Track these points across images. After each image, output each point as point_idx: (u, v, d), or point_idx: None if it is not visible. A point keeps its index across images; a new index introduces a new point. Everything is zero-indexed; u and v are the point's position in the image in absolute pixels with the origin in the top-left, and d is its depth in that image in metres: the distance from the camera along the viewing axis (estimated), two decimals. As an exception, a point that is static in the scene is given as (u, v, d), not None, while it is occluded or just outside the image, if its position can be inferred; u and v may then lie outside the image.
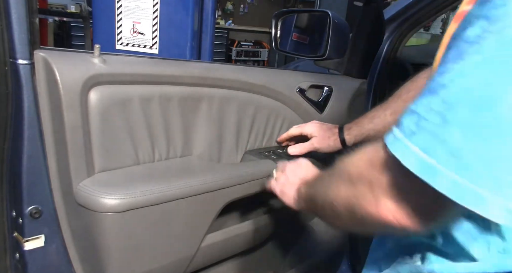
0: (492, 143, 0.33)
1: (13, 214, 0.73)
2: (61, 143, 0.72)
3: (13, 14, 0.64)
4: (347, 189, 0.48)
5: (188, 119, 0.91)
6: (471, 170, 0.34)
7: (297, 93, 1.10)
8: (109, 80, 0.77)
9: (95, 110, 0.75)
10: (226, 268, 1.08)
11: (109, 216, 0.72)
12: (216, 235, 0.93)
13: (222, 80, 0.95)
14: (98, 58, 0.76)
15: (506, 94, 0.32)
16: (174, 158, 0.91)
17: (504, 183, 0.33)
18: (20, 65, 0.67)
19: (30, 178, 0.71)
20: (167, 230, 0.82)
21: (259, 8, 6.36)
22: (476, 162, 0.33)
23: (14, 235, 0.74)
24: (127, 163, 0.82)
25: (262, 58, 6.07)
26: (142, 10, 1.53)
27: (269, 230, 1.09)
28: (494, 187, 0.33)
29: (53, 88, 0.70)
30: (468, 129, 0.34)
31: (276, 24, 1.26)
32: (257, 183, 0.94)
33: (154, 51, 1.58)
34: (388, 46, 1.42)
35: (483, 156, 0.33)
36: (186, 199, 0.81)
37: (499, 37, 0.33)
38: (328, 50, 1.13)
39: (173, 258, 0.86)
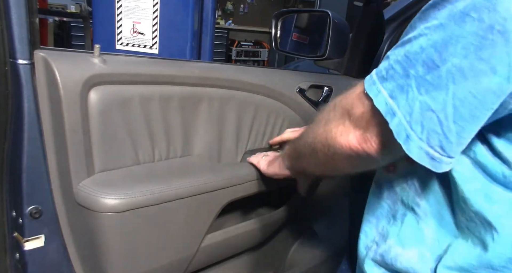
0: (430, 98, 0.41)
1: (13, 214, 0.73)
2: (61, 143, 0.72)
3: (13, 14, 0.64)
4: (324, 127, 0.55)
5: (188, 119, 0.91)
6: (412, 116, 0.42)
7: (297, 93, 1.10)
8: (109, 80, 0.77)
9: (95, 110, 0.75)
10: (226, 268, 1.08)
11: (109, 216, 0.72)
12: (216, 235, 0.93)
13: (222, 80, 0.95)
14: (98, 58, 0.76)
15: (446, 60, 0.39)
16: (174, 158, 0.91)
17: (426, 130, 0.41)
18: (20, 65, 0.67)
19: (30, 178, 0.71)
20: (167, 230, 0.82)
21: (259, 8, 6.36)
22: (418, 111, 0.41)
23: (14, 235, 0.74)
24: (127, 163, 0.82)
25: (262, 58, 6.07)
26: (142, 10, 1.53)
27: (269, 230, 1.09)
28: (419, 131, 0.41)
29: (53, 88, 0.70)
30: (422, 85, 0.41)
31: (276, 24, 1.26)
32: (257, 183, 0.94)
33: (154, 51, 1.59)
34: (388, 46, 1.42)
35: (424, 107, 0.41)
36: (186, 199, 0.81)
37: (451, 8, 0.39)
38: (328, 50, 1.13)
39: (173, 258, 0.86)
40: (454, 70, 0.39)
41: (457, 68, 0.39)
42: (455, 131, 0.40)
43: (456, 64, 0.39)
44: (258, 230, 1.04)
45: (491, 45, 0.37)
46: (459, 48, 0.38)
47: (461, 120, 0.40)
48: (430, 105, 0.40)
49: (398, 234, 0.58)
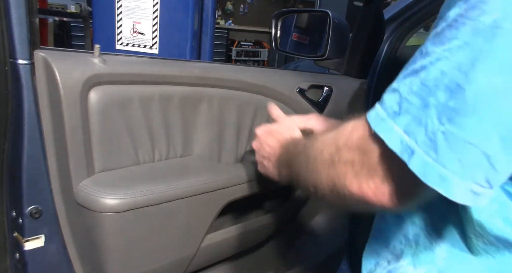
0: (460, 127, 0.34)
1: (13, 214, 0.73)
2: (61, 143, 0.72)
3: (13, 14, 0.64)
4: (328, 170, 0.47)
5: (188, 119, 0.91)
6: (439, 152, 0.35)
7: (297, 93, 1.10)
8: (109, 80, 0.77)
9: (95, 110, 0.75)
10: (226, 268, 1.08)
11: (109, 216, 0.72)
12: (216, 235, 0.93)
13: (222, 80, 0.95)
14: (98, 58, 0.76)
15: (473, 80, 0.34)
16: (174, 158, 0.91)
17: (467, 166, 0.35)
18: (20, 65, 0.67)
19: (30, 178, 0.71)
20: (167, 230, 0.82)
21: (259, 8, 6.36)
22: (445, 145, 0.35)
23: (14, 235, 0.74)
24: (127, 163, 0.82)
25: (262, 58, 6.07)
26: (142, 10, 1.53)
27: (269, 230, 1.09)
28: (458, 169, 0.35)
29: (53, 88, 0.70)
30: (444, 113, 0.35)
31: (276, 24, 1.26)
32: (257, 183, 0.94)
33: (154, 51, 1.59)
34: (388, 46, 1.42)
35: (451, 139, 0.35)
36: (186, 199, 0.81)
37: (475, 24, 0.34)
38: (328, 50, 1.13)
39: (173, 258, 0.86)
40: (485, 89, 0.33)
41: (490, 87, 0.33)
42: (505, 160, 0.34)
43: (486, 83, 0.33)
44: (258, 230, 1.04)
45: None
46: (491, 64, 0.33)
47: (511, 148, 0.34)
48: (462, 136, 0.34)
49: (413, 255, 0.55)
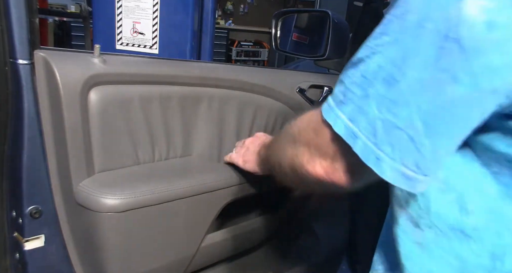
0: (394, 115, 0.38)
1: (13, 214, 0.73)
2: (61, 143, 0.72)
3: (13, 14, 0.64)
4: (291, 149, 0.54)
5: (188, 119, 0.91)
6: (377, 136, 0.39)
7: (297, 93, 1.10)
8: (109, 80, 0.77)
9: (95, 110, 0.75)
10: (226, 268, 1.08)
11: (109, 216, 0.72)
12: (216, 235, 0.93)
13: (222, 80, 0.95)
14: (98, 58, 0.76)
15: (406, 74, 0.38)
16: (174, 158, 0.91)
17: (397, 149, 0.39)
18: (20, 65, 0.67)
19: (30, 178, 0.71)
20: (167, 230, 0.82)
21: (259, 8, 6.36)
22: (382, 131, 0.39)
23: (14, 235, 0.74)
24: (127, 163, 0.82)
25: (262, 58, 6.07)
26: (142, 10, 1.53)
27: (269, 230, 1.09)
28: (390, 151, 0.39)
29: (53, 88, 0.70)
30: (381, 102, 0.39)
31: (276, 24, 1.26)
32: (257, 183, 0.94)
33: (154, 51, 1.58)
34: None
35: (387, 126, 0.39)
36: (186, 199, 0.81)
37: (401, 22, 0.38)
38: (328, 50, 1.13)
39: (173, 258, 0.86)
40: (414, 83, 0.37)
41: (417, 81, 0.37)
42: (429, 146, 0.38)
43: (416, 77, 0.37)
44: (258, 230, 1.04)
45: (448, 54, 0.35)
46: (418, 61, 0.37)
47: (434, 135, 0.38)
48: (395, 122, 0.38)
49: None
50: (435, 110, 0.37)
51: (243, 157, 0.87)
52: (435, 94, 0.37)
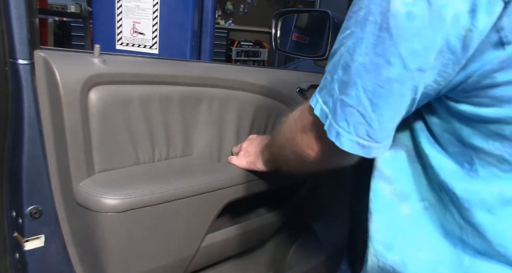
0: (346, 95, 0.46)
1: (13, 214, 0.73)
2: (61, 143, 0.72)
3: (13, 14, 0.64)
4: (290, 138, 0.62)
5: (188, 119, 0.91)
6: (337, 115, 0.47)
7: (297, 93, 1.10)
8: (109, 80, 0.77)
9: (95, 110, 0.75)
10: (226, 268, 1.08)
11: (109, 216, 0.72)
12: (216, 235, 0.93)
13: (222, 80, 0.95)
14: (98, 58, 0.76)
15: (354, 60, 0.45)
16: (174, 158, 0.91)
17: (351, 124, 0.46)
18: (20, 65, 0.67)
19: (30, 178, 0.71)
20: (167, 230, 0.82)
21: (259, 8, 6.36)
22: (340, 109, 0.47)
23: (14, 235, 0.74)
24: (127, 163, 0.82)
25: (262, 58, 6.07)
26: (142, 10, 1.53)
27: (269, 230, 1.09)
28: (346, 126, 0.46)
29: (53, 88, 0.70)
30: (340, 85, 0.47)
31: (276, 24, 1.26)
32: (257, 183, 0.94)
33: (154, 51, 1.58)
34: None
35: (343, 105, 0.46)
36: (186, 199, 0.81)
37: (356, 17, 0.45)
38: (328, 50, 1.13)
39: (173, 258, 0.86)
40: (359, 67, 0.44)
41: (361, 65, 0.44)
42: (376, 119, 0.45)
43: (360, 61, 0.44)
44: (258, 230, 1.04)
45: (382, 41, 0.42)
46: (363, 48, 0.44)
47: (378, 109, 0.45)
48: (348, 102, 0.45)
49: None
50: (376, 88, 0.44)
51: (246, 159, 0.90)
52: (375, 76, 0.43)
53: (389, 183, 0.55)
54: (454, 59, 0.41)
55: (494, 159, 0.45)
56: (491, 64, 0.40)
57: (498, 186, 0.46)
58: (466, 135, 0.46)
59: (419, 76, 0.42)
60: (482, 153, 0.46)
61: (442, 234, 0.51)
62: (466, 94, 0.44)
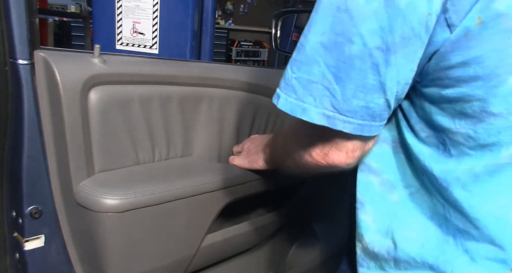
0: (305, 72, 0.48)
1: (13, 214, 0.73)
2: (61, 143, 0.72)
3: (13, 14, 0.64)
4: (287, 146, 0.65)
5: (188, 119, 0.91)
6: (297, 93, 0.49)
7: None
8: (109, 80, 0.77)
9: (95, 110, 0.75)
10: (226, 268, 1.08)
11: (109, 216, 0.72)
12: (216, 235, 0.93)
13: (222, 80, 0.95)
14: (98, 58, 0.76)
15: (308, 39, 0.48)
16: (174, 158, 0.91)
17: (317, 98, 0.48)
18: (20, 65, 0.67)
19: (30, 178, 0.71)
20: (167, 230, 0.82)
21: (259, 8, 6.36)
22: (300, 87, 0.49)
23: (14, 235, 0.74)
24: (127, 163, 0.82)
25: (262, 58, 6.06)
26: (142, 10, 1.53)
27: (269, 230, 1.09)
28: (312, 101, 0.48)
29: (53, 88, 0.70)
30: (292, 64, 0.50)
31: (276, 24, 1.26)
32: (257, 183, 0.94)
33: (154, 51, 1.58)
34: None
35: (303, 82, 0.48)
36: (186, 199, 0.81)
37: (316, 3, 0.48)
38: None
39: (173, 258, 0.86)
40: (317, 45, 0.47)
41: (319, 44, 0.47)
42: (339, 90, 0.47)
43: (317, 40, 0.47)
44: (258, 230, 1.04)
45: (341, 22, 0.45)
46: (318, 28, 0.47)
47: (341, 81, 0.47)
48: (311, 79, 0.48)
49: None
50: (339, 64, 0.46)
51: (247, 158, 0.90)
52: (337, 53, 0.46)
53: (377, 175, 0.58)
54: (421, 44, 0.44)
55: (461, 137, 0.48)
56: (444, 46, 0.44)
57: (468, 164, 0.49)
58: (436, 118, 0.49)
59: (378, 54, 0.45)
60: (451, 133, 0.49)
61: (429, 216, 0.53)
62: (430, 76, 0.47)
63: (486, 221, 0.48)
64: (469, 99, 0.45)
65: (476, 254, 0.49)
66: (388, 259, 0.57)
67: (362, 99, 0.48)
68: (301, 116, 0.49)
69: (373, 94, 0.47)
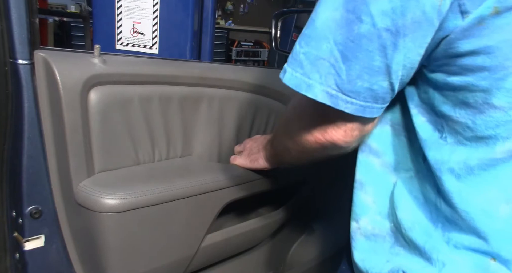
0: (313, 47, 0.47)
1: (13, 214, 0.73)
2: (61, 143, 0.72)
3: (13, 14, 0.64)
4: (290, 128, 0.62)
5: (188, 119, 0.91)
6: (304, 68, 0.48)
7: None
8: (109, 80, 0.77)
9: (95, 110, 0.75)
10: (226, 268, 1.08)
11: (109, 216, 0.72)
12: (216, 235, 0.93)
13: (222, 80, 0.95)
14: (98, 58, 0.76)
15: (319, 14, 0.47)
16: (174, 158, 0.91)
17: (323, 75, 0.47)
18: (20, 65, 0.67)
19: (30, 178, 0.71)
20: (167, 230, 0.82)
21: (259, 8, 6.36)
22: (307, 62, 0.48)
23: (14, 235, 0.74)
24: (127, 163, 0.82)
25: (262, 58, 6.06)
26: (142, 10, 1.53)
27: (269, 230, 1.09)
28: (318, 78, 0.47)
29: (53, 88, 0.70)
30: (301, 39, 0.49)
31: (276, 24, 1.26)
32: (257, 183, 0.94)
33: (154, 51, 1.58)
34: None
35: (310, 57, 0.48)
36: (186, 199, 0.81)
37: None
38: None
39: (173, 258, 0.86)
40: (329, 21, 0.46)
41: (332, 20, 0.46)
42: (345, 70, 0.46)
43: (329, 16, 0.46)
44: (258, 230, 1.04)
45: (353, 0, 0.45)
46: (330, 4, 0.46)
47: (347, 61, 0.46)
48: (319, 55, 0.47)
49: None
50: (348, 43, 0.45)
51: (249, 157, 0.90)
52: (347, 30, 0.45)
53: (377, 156, 0.58)
54: (432, 29, 0.43)
55: (459, 126, 0.48)
56: (454, 32, 0.43)
57: (462, 155, 0.49)
58: (438, 104, 0.50)
59: (387, 36, 0.44)
60: (451, 121, 0.49)
61: (422, 202, 0.54)
62: (437, 62, 0.47)
63: (474, 214, 0.49)
64: (473, 89, 0.45)
65: (460, 244, 0.50)
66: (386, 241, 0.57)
67: (366, 80, 0.47)
68: (305, 92, 0.48)
69: (378, 76, 0.47)
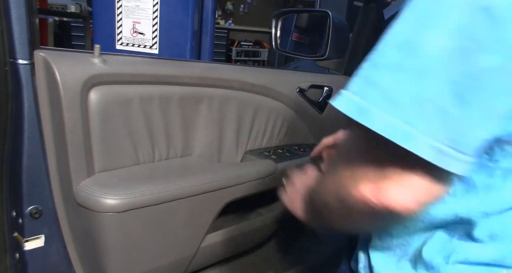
0: (418, 85, 0.35)
1: (13, 214, 0.73)
2: (61, 143, 0.72)
3: (13, 14, 0.64)
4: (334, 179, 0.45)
5: (188, 119, 0.91)
6: (401, 110, 0.35)
7: (297, 93, 1.10)
8: (109, 80, 0.77)
9: (95, 110, 0.75)
10: (226, 268, 1.08)
11: (109, 216, 0.72)
12: (216, 235, 0.93)
13: (222, 80, 0.95)
14: (98, 58, 0.76)
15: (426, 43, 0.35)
16: (174, 158, 0.91)
17: (430, 123, 0.35)
18: (20, 65, 0.67)
19: (30, 178, 0.71)
20: (167, 230, 0.82)
21: (259, 8, 6.36)
22: (405, 103, 0.35)
23: (14, 235, 0.74)
24: (127, 163, 0.82)
25: (262, 58, 6.06)
26: (142, 10, 1.53)
27: (269, 230, 1.09)
28: (421, 126, 0.34)
29: (53, 88, 0.70)
30: (396, 71, 0.36)
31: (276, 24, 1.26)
32: (257, 183, 0.94)
33: (154, 51, 1.58)
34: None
35: (411, 97, 0.35)
36: (186, 199, 0.81)
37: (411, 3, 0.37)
38: (328, 50, 1.13)
39: (173, 258, 0.86)
40: (439, 52, 0.34)
41: (444, 49, 0.34)
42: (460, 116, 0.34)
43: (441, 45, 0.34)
44: (258, 230, 1.04)
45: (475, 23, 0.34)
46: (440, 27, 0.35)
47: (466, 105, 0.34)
48: (423, 94, 0.34)
49: None
50: (467, 80, 0.34)
51: (290, 195, 0.73)
52: (465, 65, 0.34)
53: None
54: None
55: None
56: None
57: None
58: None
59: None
60: None
61: None
62: None
63: None
64: None
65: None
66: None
67: (486, 130, 0.36)
68: (403, 144, 0.34)
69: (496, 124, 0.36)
